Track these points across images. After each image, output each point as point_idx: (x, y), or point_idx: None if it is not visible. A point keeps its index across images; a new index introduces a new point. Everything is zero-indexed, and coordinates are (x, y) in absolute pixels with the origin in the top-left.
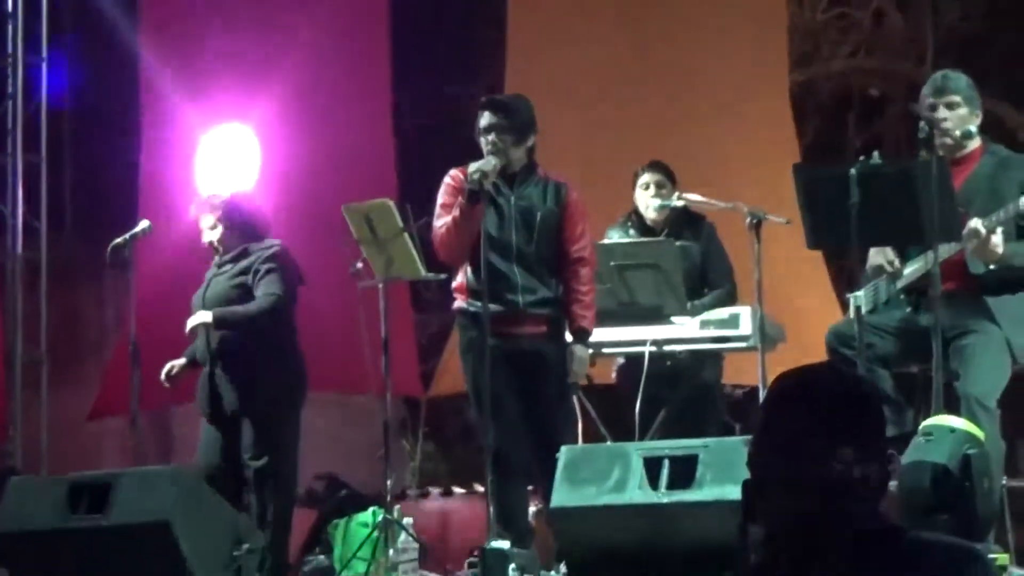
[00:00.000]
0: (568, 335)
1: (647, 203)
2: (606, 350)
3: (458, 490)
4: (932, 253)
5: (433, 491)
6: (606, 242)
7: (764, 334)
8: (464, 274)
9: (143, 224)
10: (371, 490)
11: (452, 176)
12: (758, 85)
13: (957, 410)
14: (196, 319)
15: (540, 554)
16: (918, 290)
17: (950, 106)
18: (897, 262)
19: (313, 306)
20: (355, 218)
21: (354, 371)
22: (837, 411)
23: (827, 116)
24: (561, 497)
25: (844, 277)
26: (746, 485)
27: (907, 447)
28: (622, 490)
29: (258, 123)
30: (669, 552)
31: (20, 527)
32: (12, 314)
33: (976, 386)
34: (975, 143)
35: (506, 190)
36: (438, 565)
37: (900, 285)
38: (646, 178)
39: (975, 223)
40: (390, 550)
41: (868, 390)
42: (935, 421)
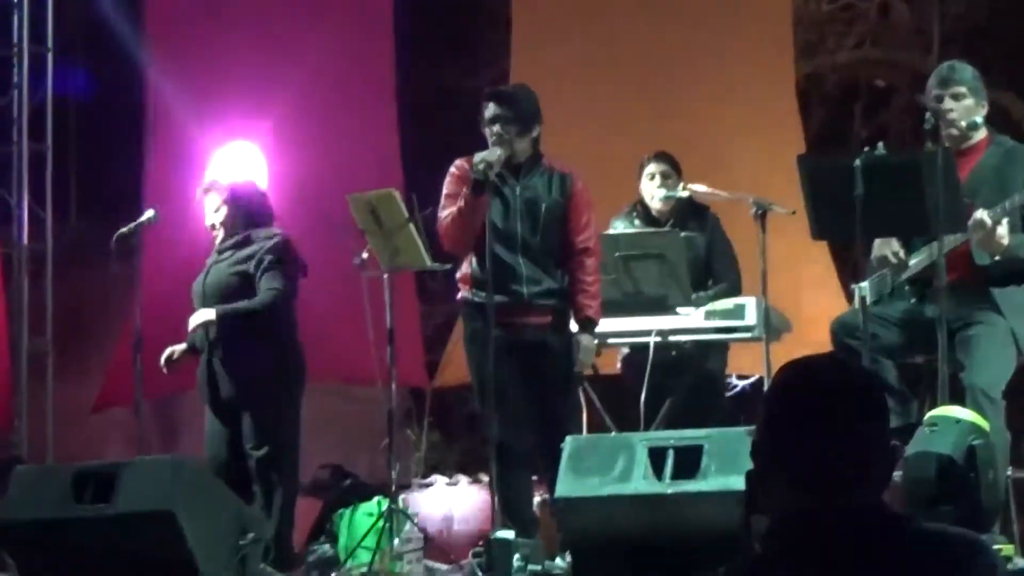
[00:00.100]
0: (574, 325)
1: (652, 193)
2: (611, 340)
3: (463, 479)
4: (937, 244)
5: (438, 481)
6: (611, 232)
7: (769, 324)
8: (469, 264)
9: (149, 213)
10: (376, 480)
11: (457, 166)
12: (763, 76)
13: (962, 401)
14: (199, 318)
15: (544, 544)
16: (923, 281)
17: (956, 97)
18: (902, 253)
19: (318, 296)
20: (360, 208)
21: (359, 361)
22: (840, 402)
23: (833, 107)
24: (565, 487)
25: (849, 268)
26: (749, 475)
27: (912, 438)
28: (626, 480)
29: (264, 114)
30: (673, 542)
31: (25, 516)
32: (17, 304)
33: (981, 377)
34: (981, 134)
35: (511, 181)
36: (443, 555)
37: (905, 276)
38: (651, 168)
39: (981, 214)
40: (395, 540)
41: (871, 381)
42: (940, 412)
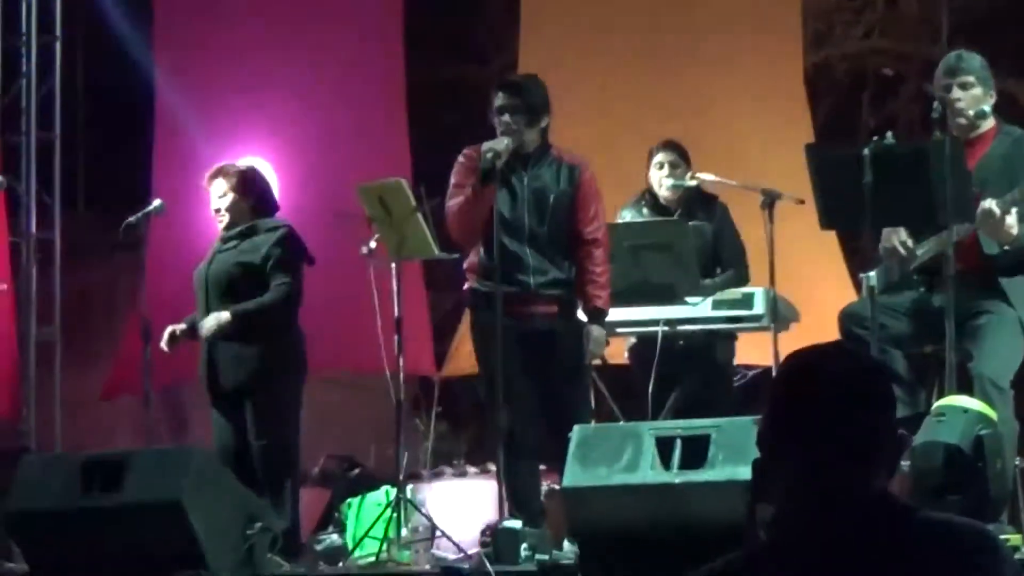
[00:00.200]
0: (581, 315)
1: (661, 182)
2: (619, 330)
3: (471, 469)
4: (945, 234)
5: (446, 470)
6: (619, 222)
7: (777, 314)
8: (476, 254)
9: (156, 203)
10: (384, 469)
11: (466, 155)
12: (772, 66)
13: (970, 390)
14: (214, 321)
15: (552, 533)
16: (931, 270)
17: (964, 86)
18: (910, 242)
19: (326, 286)
20: (368, 197)
21: (368, 351)
22: (847, 390)
23: (841, 97)
24: (573, 477)
25: (858, 257)
26: (755, 464)
27: (920, 427)
28: (634, 470)
29: (274, 105)
30: (680, 532)
31: (33, 505)
32: (25, 293)
33: (989, 366)
34: (989, 123)
35: (519, 171)
36: (451, 544)
37: (913, 265)
38: (660, 157)
39: (989, 203)
40: (403, 529)
41: (877, 370)
42: (948, 401)
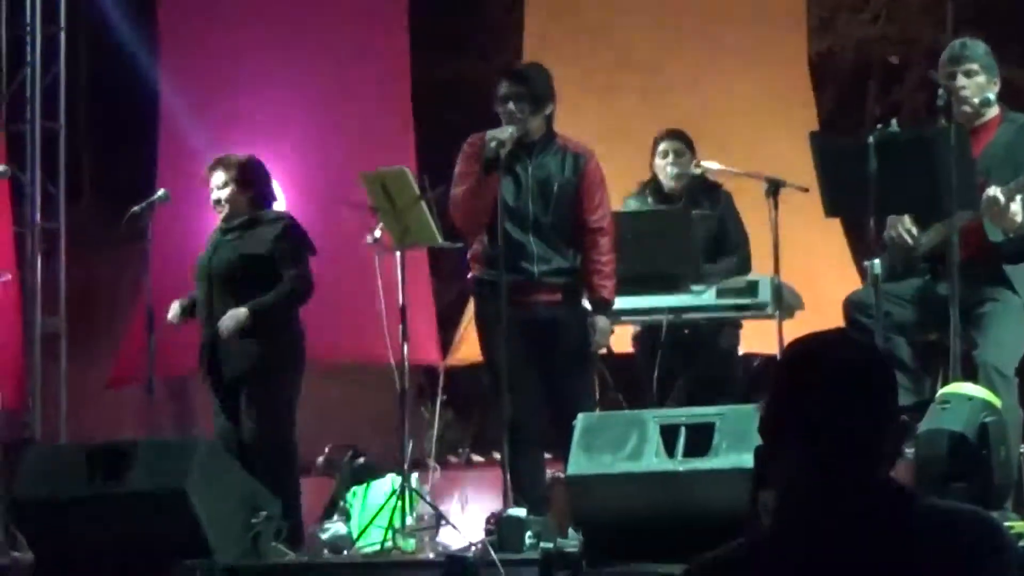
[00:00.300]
0: (586, 303)
1: (665, 171)
2: (624, 318)
3: (477, 458)
4: (950, 221)
5: (452, 459)
6: (623, 210)
7: (782, 302)
8: (480, 243)
9: (160, 192)
10: (389, 458)
11: (470, 143)
12: (777, 53)
13: (975, 378)
14: (233, 321)
15: (556, 521)
16: (936, 258)
17: (968, 74)
18: (915, 230)
19: (331, 275)
20: (372, 185)
21: (373, 340)
22: (849, 378)
23: (846, 84)
24: (577, 465)
25: (862, 245)
26: (758, 451)
27: (924, 415)
28: (638, 458)
29: (276, 96)
30: (685, 520)
31: (38, 494)
32: (30, 284)
33: (994, 354)
34: (993, 111)
35: (524, 159)
36: (456, 533)
37: (918, 253)
38: (664, 146)
39: (994, 191)
40: (408, 518)
41: (879, 356)
42: (952, 389)
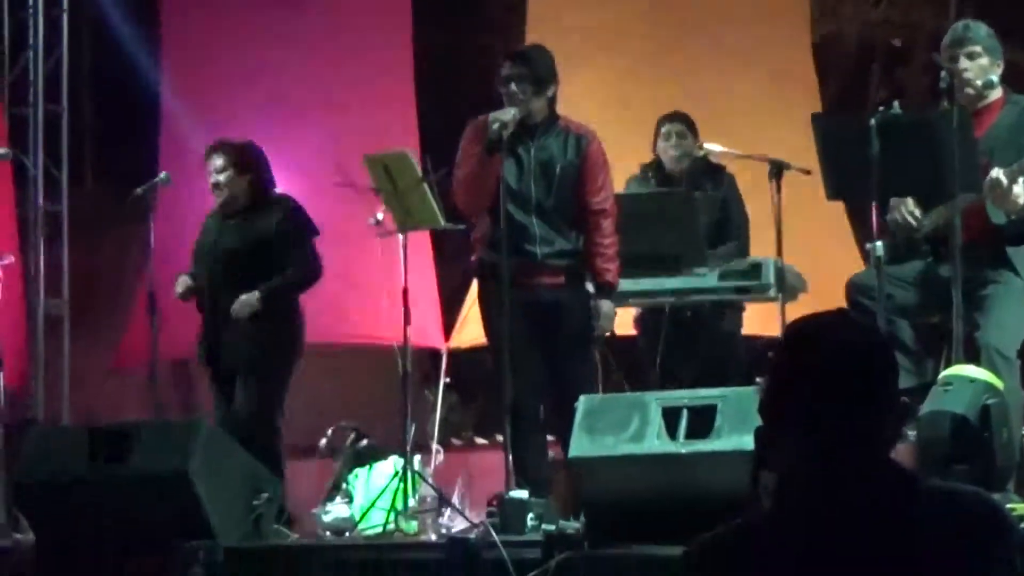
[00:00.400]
0: (590, 286)
1: (668, 153)
2: (628, 301)
3: (480, 440)
4: (952, 203)
5: (455, 441)
6: (626, 192)
7: (785, 285)
8: (483, 225)
9: (162, 175)
10: (392, 440)
11: (473, 125)
12: (781, 37)
13: (977, 360)
14: (246, 306)
15: (558, 503)
16: (939, 240)
17: (971, 56)
18: (917, 212)
19: (335, 258)
20: (375, 168)
21: (376, 323)
22: (848, 359)
23: (850, 68)
24: (579, 447)
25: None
26: (758, 432)
27: (927, 397)
28: (640, 440)
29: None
30: (687, 502)
31: (40, 476)
32: (33, 266)
33: (996, 336)
34: (996, 93)
35: (526, 141)
36: (458, 515)
37: (920, 235)
38: (667, 128)
39: (996, 173)
40: (410, 500)
41: (879, 337)
42: (955, 371)
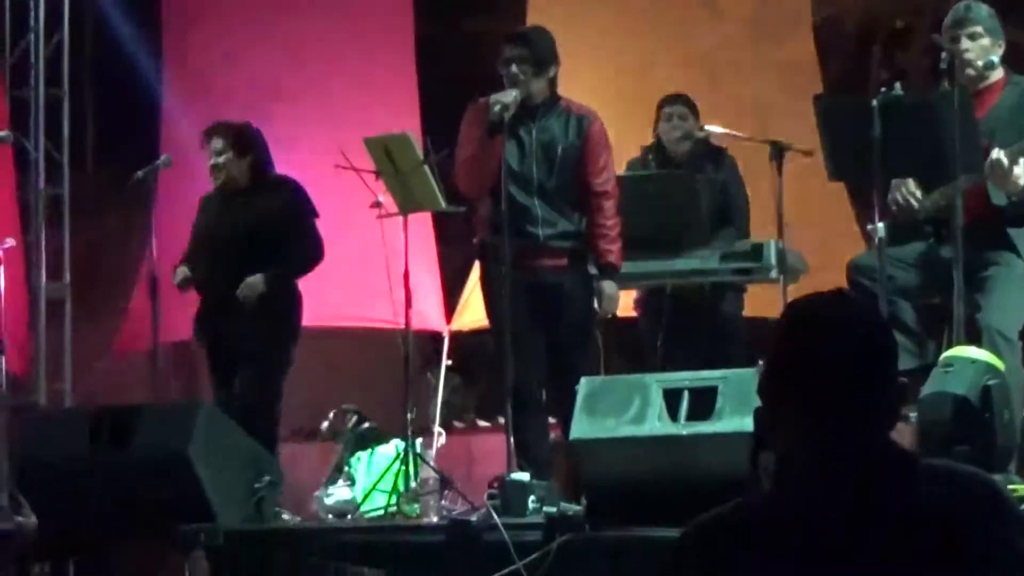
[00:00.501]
0: (593, 268)
1: (669, 135)
2: (628, 284)
3: (482, 423)
4: (954, 184)
5: (457, 424)
6: (627, 174)
7: (786, 266)
8: (485, 207)
9: (163, 157)
10: (394, 423)
11: (474, 107)
12: (782, 19)
13: (979, 341)
14: (251, 289)
15: (559, 486)
16: (940, 221)
17: (972, 37)
18: (919, 193)
19: (336, 240)
20: (375, 150)
21: (377, 305)
22: (848, 339)
23: (851, 49)
24: (580, 429)
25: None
26: (758, 413)
27: (928, 378)
28: (641, 422)
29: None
30: (688, 483)
31: (42, 459)
32: (35, 249)
33: (997, 317)
34: (998, 74)
35: (528, 123)
36: (460, 497)
37: (922, 216)
38: (668, 110)
39: (997, 154)
40: (412, 482)
41: (879, 317)
42: (956, 352)
